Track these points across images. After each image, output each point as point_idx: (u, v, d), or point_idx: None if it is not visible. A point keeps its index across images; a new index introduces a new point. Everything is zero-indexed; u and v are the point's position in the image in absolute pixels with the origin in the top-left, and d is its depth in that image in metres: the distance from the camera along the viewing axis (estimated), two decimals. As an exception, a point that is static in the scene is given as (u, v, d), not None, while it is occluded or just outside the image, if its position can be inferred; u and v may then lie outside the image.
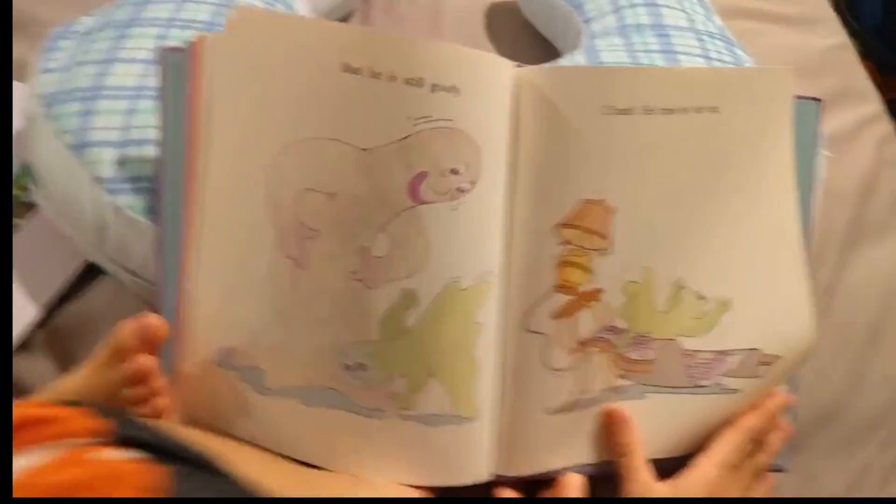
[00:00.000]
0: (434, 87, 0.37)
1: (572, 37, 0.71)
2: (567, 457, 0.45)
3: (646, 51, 0.62)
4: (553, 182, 0.40)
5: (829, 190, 0.69)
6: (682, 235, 0.43)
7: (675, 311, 0.44)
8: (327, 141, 0.37)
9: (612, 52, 0.62)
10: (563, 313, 0.42)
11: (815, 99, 0.47)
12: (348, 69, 0.36)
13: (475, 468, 0.43)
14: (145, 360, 0.37)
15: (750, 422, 0.45)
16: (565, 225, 0.41)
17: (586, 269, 0.41)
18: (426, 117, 0.37)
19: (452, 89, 0.37)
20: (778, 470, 0.49)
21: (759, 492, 0.46)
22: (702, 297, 0.44)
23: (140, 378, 0.37)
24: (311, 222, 0.38)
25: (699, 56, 0.62)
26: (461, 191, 0.38)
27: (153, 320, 0.37)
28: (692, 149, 0.42)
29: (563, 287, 0.42)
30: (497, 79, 0.39)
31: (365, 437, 0.41)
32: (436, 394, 0.41)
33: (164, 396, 0.39)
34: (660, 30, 0.65)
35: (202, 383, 0.41)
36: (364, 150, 0.37)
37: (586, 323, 0.42)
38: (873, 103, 0.77)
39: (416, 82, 0.36)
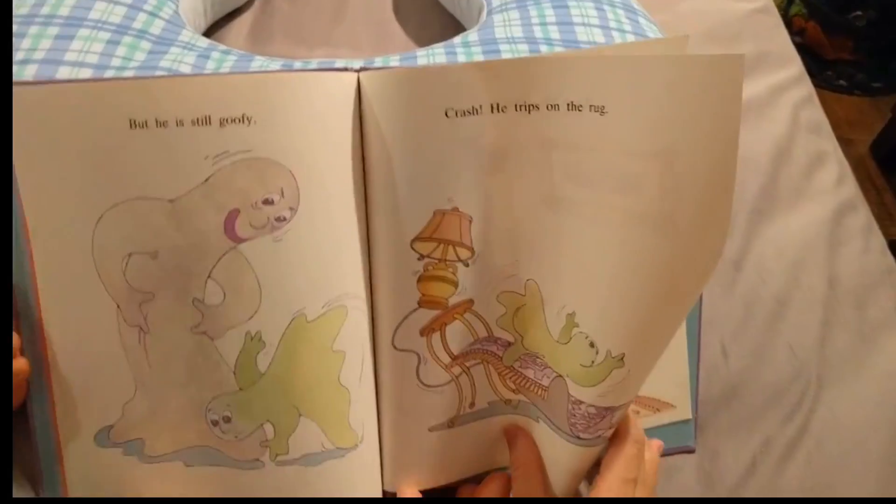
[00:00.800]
0: (223, 122, 0.35)
1: (475, 13, 0.69)
2: (461, 470, 0.43)
3: (542, 24, 0.60)
4: (405, 194, 0.38)
5: (743, 158, 0.67)
6: (566, 258, 0.37)
7: (566, 349, 0.39)
8: (134, 201, 0.36)
9: (506, 28, 0.60)
10: (430, 329, 0.40)
11: None
12: (135, 125, 0.35)
13: (370, 489, 0.42)
14: None
15: (631, 450, 0.40)
16: (421, 238, 0.38)
17: (451, 282, 0.39)
18: (224, 153, 0.35)
19: (244, 119, 0.35)
20: (687, 451, 0.48)
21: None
22: (592, 345, 0.37)
23: None
24: (143, 285, 0.37)
25: (597, 26, 0.60)
26: (281, 220, 0.37)
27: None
28: (566, 156, 0.36)
29: (427, 302, 0.39)
30: (307, 95, 0.37)
31: (248, 490, 0.40)
32: (310, 432, 0.39)
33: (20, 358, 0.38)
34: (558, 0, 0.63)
35: (88, 467, 0.40)
36: (171, 201, 0.36)
37: (459, 336, 0.40)
38: (793, 67, 0.76)
39: (203, 121, 0.35)
